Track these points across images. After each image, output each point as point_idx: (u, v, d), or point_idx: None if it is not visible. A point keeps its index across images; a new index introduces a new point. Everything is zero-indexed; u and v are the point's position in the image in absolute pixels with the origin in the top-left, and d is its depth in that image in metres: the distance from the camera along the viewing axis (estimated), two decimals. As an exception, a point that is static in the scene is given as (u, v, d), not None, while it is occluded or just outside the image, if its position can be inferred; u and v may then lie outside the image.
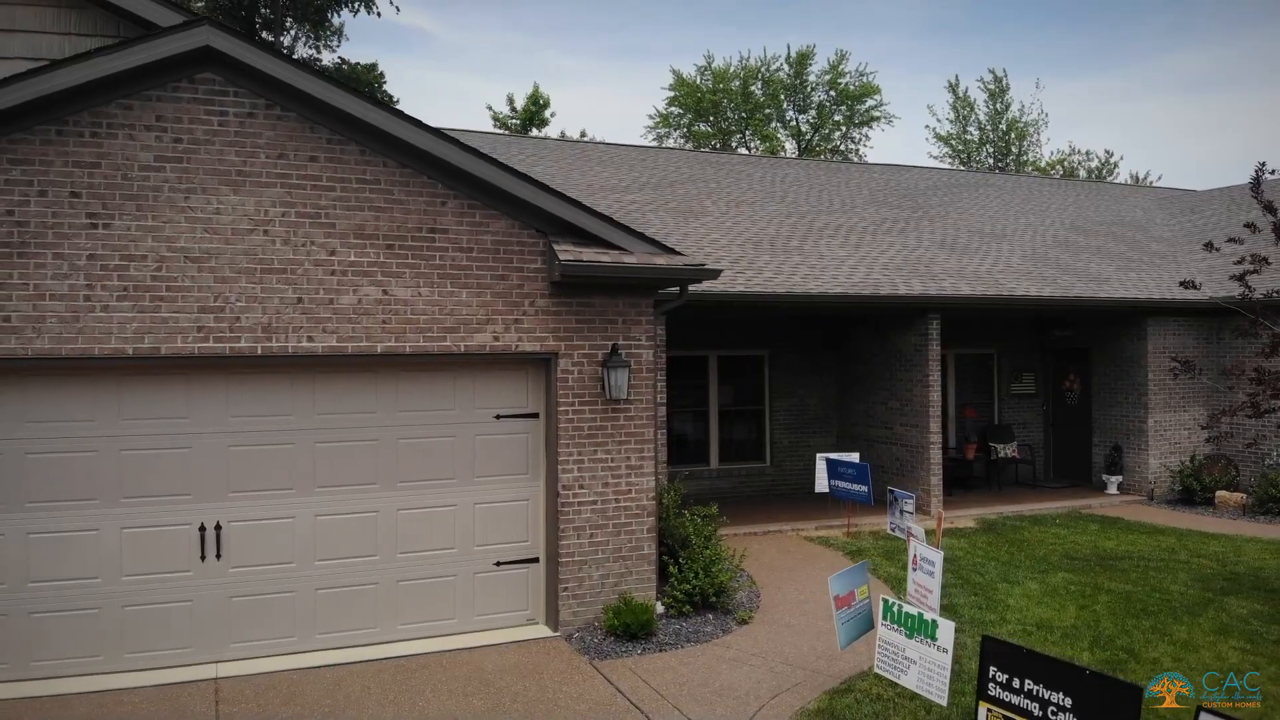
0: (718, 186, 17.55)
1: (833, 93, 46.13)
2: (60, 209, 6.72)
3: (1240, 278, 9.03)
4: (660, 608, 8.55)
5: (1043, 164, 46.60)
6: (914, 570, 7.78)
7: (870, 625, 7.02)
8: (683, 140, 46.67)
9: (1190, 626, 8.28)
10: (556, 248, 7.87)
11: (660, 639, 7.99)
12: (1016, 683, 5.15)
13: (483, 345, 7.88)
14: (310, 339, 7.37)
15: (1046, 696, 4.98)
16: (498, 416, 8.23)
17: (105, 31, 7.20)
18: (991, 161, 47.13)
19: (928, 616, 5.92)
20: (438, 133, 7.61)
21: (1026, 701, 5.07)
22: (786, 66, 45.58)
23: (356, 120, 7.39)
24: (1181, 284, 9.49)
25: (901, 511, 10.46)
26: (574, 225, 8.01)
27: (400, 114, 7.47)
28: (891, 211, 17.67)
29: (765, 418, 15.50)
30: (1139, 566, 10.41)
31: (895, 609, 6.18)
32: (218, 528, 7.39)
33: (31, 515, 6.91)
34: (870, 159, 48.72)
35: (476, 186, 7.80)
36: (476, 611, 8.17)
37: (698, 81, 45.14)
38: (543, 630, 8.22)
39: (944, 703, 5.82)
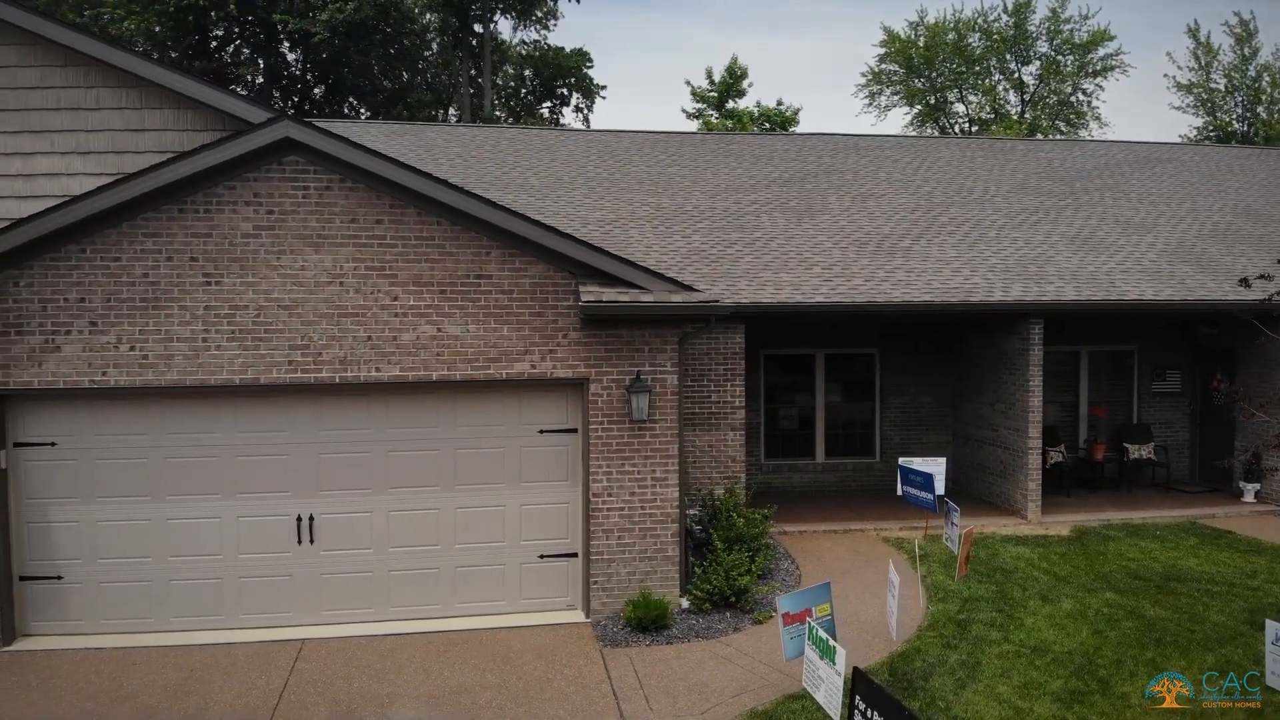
0: (852, 179, 17.86)
1: (1056, 41, 43.52)
2: (183, 271, 8.64)
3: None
4: (685, 603, 9.64)
5: (1302, 112, 41.83)
6: (889, 593, 8.47)
7: (824, 641, 7.78)
8: (895, 98, 45.70)
9: (1192, 661, 8.36)
10: (582, 289, 9.03)
11: (672, 632, 9.08)
12: (870, 713, 5.90)
13: (521, 372, 9.20)
14: (378, 370, 8.98)
15: (886, 729, 5.72)
16: (541, 431, 9.56)
17: (214, 126, 9.04)
18: (1240, 111, 42.88)
19: (831, 643, 6.68)
20: (479, 198, 8.94)
21: (874, 730, 5.83)
22: (1005, 17, 43.47)
23: (412, 191, 8.85)
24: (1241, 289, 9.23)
25: (953, 523, 10.88)
26: (599, 269, 9.13)
27: (446, 184, 8.85)
28: (1032, 200, 17.29)
29: (876, 414, 15.90)
30: (1197, 590, 10.29)
31: (814, 632, 6.96)
32: (310, 519, 9.22)
33: (171, 505, 9.01)
34: (1103, 112, 45.66)
35: (515, 239, 9.08)
36: (523, 596, 9.62)
37: (911, 37, 43.95)
38: (578, 616, 9.54)
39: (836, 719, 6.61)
